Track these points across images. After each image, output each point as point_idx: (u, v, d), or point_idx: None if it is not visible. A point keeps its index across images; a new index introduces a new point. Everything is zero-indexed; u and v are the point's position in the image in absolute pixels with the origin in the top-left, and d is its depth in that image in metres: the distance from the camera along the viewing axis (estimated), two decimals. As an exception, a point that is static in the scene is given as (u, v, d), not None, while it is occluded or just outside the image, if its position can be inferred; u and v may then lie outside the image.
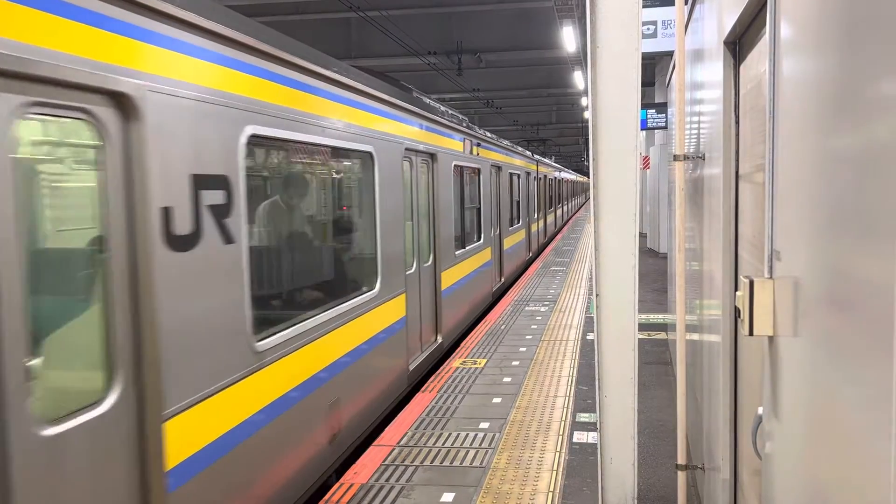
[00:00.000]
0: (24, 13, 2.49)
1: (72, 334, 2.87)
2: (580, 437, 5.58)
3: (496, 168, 12.87)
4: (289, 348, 4.33)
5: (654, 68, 18.21)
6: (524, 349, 8.49)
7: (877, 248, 1.16)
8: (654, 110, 15.78)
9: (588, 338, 8.92)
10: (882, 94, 1.15)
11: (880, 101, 1.16)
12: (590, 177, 3.98)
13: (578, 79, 20.58)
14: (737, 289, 2.53)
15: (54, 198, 2.98)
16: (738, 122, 3.03)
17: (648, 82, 18.77)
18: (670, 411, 5.68)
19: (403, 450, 5.42)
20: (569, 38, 13.85)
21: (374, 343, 5.92)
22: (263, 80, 4.10)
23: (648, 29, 10.70)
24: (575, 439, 5.53)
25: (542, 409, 6.25)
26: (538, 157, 21.76)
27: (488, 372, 7.53)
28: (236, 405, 3.71)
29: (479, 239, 11.19)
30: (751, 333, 1.95)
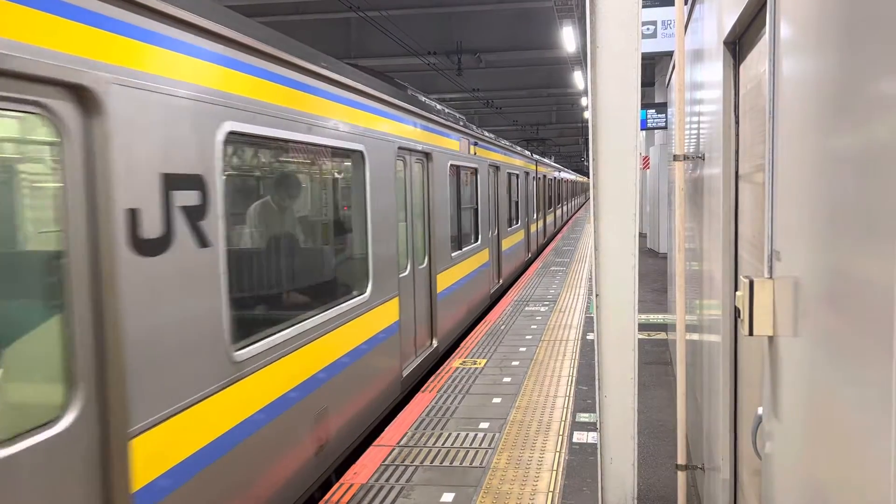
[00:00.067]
0: None
1: (26, 346, 2.67)
2: (580, 437, 5.58)
3: (494, 168, 12.77)
4: (271, 357, 4.14)
5: (654, 68, 18.22)
6: (524, 349, 8.49)
7: (877, 248, 1.16)
8: (654, 110, 15.79)
9: (588, 338, 8.92)
10: (882, 94, 1.15)
11: (880, 101, 1.16)
12: (590, 177, 3.99)
13: (578, 79, 20.59)
14: (737, 289, 2.53)
15: (6, 199, 2.78)
16: (737, 122, 3.03)
17: (648, 82, 18.78)
18: (670, 411, 5.68)
19: (403, 450, 5.42)
20: (569, 38, 13.85)
21: (365, 349, 5.74)
22: (244, 74, 3.91)
23: (648, 29, 10.70)
24: (575, 439, 5.53)
25: (542, 409, 6.25)
26: (537, 157, 21.72)
27: (488, 372, 7.53)
28: (212, 419, 3.52)
29: (476, 240, 11.03)
30: (751, 333, 1.95)
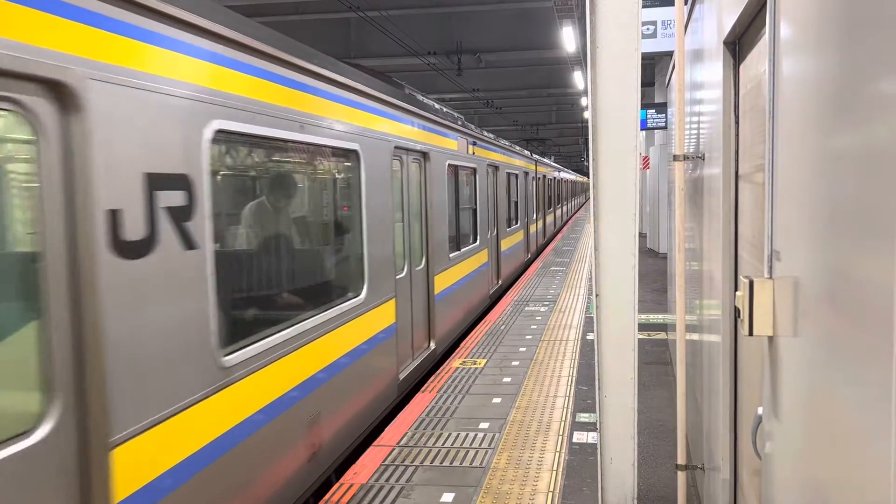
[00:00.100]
0: None
1: (0, 353, 2.58)
2: (580, 437, 5.58)
3: (493, 168, 12.69)
4: (262, 362, 4.02)
5: (654, 68, 18.22)
6: (524, 349, 8.49)
7: (877, 248, 1.16)
8: (653, 110, 15.79)
9: (588, 338, 8.92)
10: (882, 94, 1.15)
11: (880, 101, 1.16)
12: (590, 177, 3.99)
13: (578, 79, 20.59)
14: (737, 289, 2.53)
15: None
16: (737, 122, 3.03)
17: (648, 82, 18.79)
18: (670, 411, 5.68)
19: (403, 450, 5.42)
20: (569, 39, 13.86)
21: (360, 352, 5.63)
22: (233, 71, 3.78)
23: (648, 29, 10.70)
24: (575, 439, 5.53)
25: (542, 410, 6.25)
26: (537, 157, 21.70)
27: (488, 372, 7.53)
28: (199, 427, 3.41)
29: (474, 241, 10.91)
30: (750, 333, 1.95)
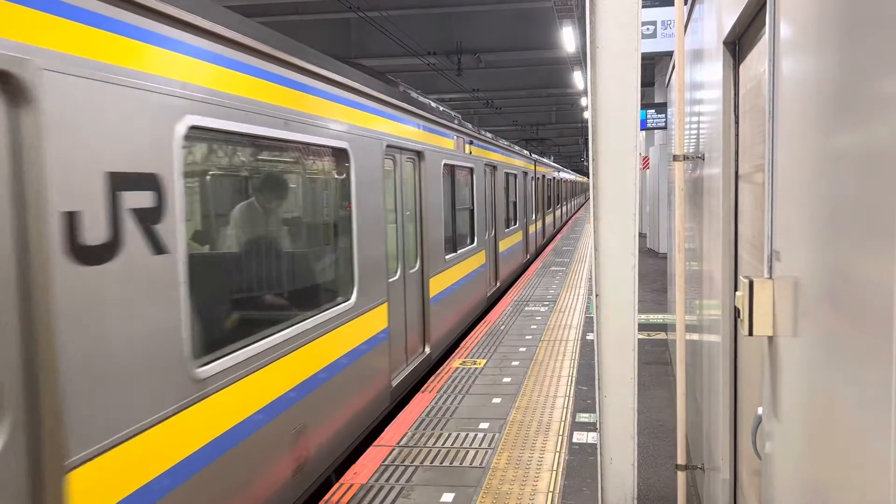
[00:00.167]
0: None
1: None
2: (580, 437, 5.58)
3: (491, 167, 12.56)
4: (241, 372, 3.81)
5: (654, 68, 18.23)
6: (524, 349, 8.49)
7: (877, 248, 1.16)
8: (653, 110, 15.80)
9: (588, 338, 8.92)
10: (882, 94, 1.15)
11: (880, 100, 1.16)
12: (589, 177, 3.99)
13: (578, 79, 20.60)
14: (736, 289, 2.53)
15: None
16: (737, 123, 3.03)
17: (648, 82, 18.80)
18: (670, 411, 5.68)
19: (403, 450, 5.42)
20: (568, 39, 13.86)
21: (349, 359, 5.42)
22: (209, 63, 3.58)
23: (648, 29, 10.70)
24: (575, 439, 5.53)
25: (542, 410, 6.25)
26: (536, 157, 21.67)
27: (488, 372, 7.53)
28: (171, 444, 3.19)
29: (472, 242, 10.71)
30: (750, 333, 1.95)
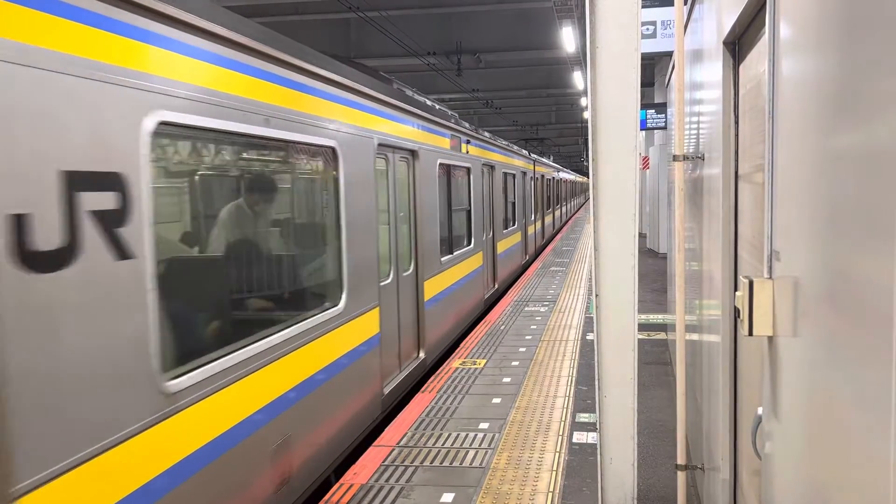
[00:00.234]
0: None
1: None
2: (580, 437, 5.58)
3: (489, 167, 12.39)
4: (216, 385, 3.59)
5: (654, 68, 18.24)
6: (524, 349, 8.49)
7: (877, 248, 1.16)
8: (653, 110, 15.80)
9: (588, 338, 8.92)
10: (882, 94, 1.15)
11: (880, 100, 1.16)
12: (589, 177, 3.99)
13: (578, 79, 20.59)
14: (736, 289, 2.53)
15: None
16: (737, 123, 3.03)
17: (648, 82, 18.80)
18: (670, 411, 5.68)
19: (403, 450, 5.42)
20: (568, 39, 13.86)
21: (338, 367, 5.21)
22: (183, 56, 3.38)
23: (648, 29, 10.70)
24: (575, 439, 5.53)
25: (542, 410, 6.25)
26: (535, 157, 21.62)
27: (488, 372, 7.53)
28: (137, 463, 2.97)
29: (469, 243, 10.48)
30: (750, 333, 1.95)
